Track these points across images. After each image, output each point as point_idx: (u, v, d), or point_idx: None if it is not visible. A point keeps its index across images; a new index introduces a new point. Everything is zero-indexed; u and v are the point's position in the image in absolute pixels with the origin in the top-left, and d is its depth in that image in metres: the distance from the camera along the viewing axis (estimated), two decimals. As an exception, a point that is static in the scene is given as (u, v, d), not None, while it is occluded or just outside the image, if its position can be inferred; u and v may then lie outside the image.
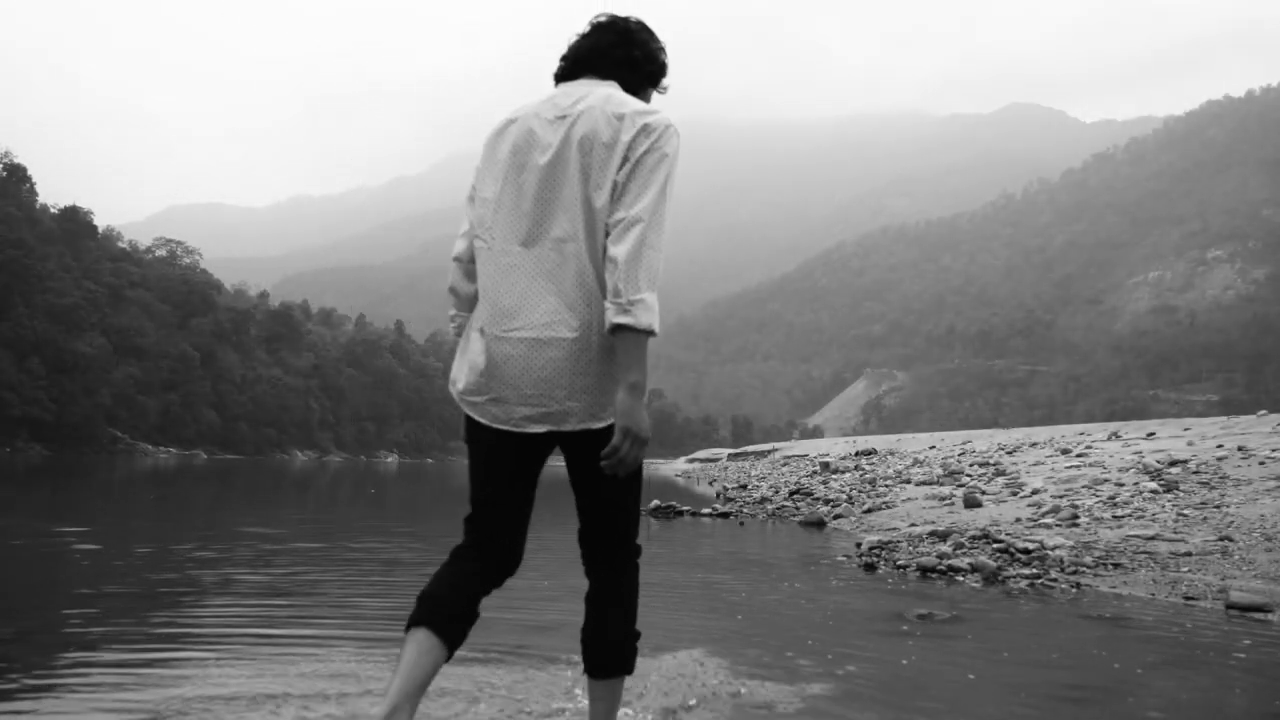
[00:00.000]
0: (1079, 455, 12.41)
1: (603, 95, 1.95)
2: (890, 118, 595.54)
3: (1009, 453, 15.43)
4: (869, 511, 9.54)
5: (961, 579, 5.11)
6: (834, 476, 15.60)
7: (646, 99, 2.09)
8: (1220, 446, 10.76)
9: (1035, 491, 8.92)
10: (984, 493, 9.28)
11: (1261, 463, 8.68)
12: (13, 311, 57.12)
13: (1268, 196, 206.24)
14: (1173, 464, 9.50)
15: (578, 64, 2.05)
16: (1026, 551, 5.56)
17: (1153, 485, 8.08)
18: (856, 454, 22.34)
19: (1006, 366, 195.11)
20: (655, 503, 11.15)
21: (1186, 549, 5.46)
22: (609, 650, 2.05)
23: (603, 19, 2.08)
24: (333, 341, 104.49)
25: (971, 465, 13.37)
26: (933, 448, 22.13)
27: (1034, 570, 5.14)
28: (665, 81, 2.14)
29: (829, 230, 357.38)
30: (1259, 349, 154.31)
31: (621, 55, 2.04)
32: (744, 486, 15.91)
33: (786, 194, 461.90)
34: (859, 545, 6.42)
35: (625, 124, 1.89)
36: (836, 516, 9.49)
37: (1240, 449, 10.04)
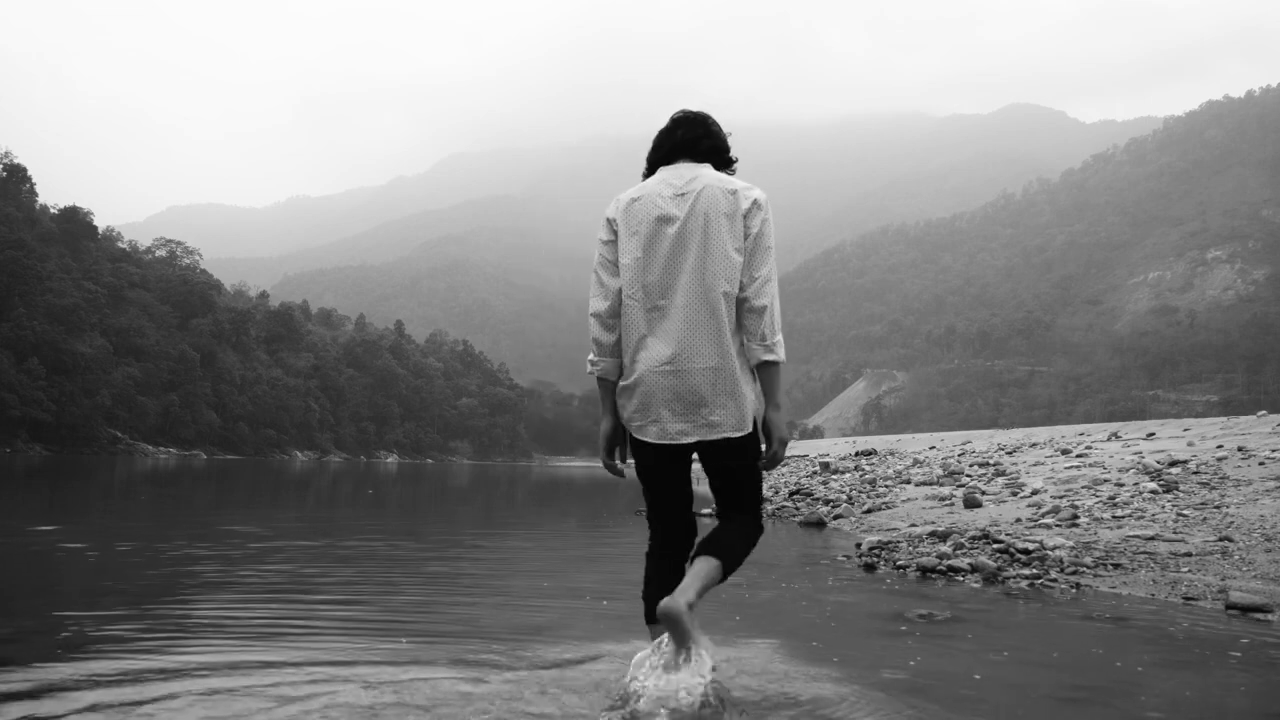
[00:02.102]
0: (1079, 455, 12.42)
1: (711, 175, 2.57)
2: (890, 118, 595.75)
3: (1009, 453, 15.43)
4: (869, 512, 9.54)
5: (961, 579, 5.10)
6: (834, 477, 15.59)
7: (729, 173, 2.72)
8: (1220, 447, 10.77)
9: (1035, 492, 8.91)
10: (984, 493, 9.27)
11: (1261, 463, 8.68)
12: (13, 312, 57.13)
13: (1268, 197, 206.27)
14: (1173, 464, 9.50)
15: (675, 151, 2.65)
16: (1026, 552, 5.55)
17: (1152, 486, 8.07)
18: (856, 454, 22.32)
19: (1006, 366, 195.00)
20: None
21: (1186, 549, 5.46)
22: (717, 545, 2.51)
23: (681, 115, 2.70)
24: (332, 342, 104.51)
25: (971, 465, 13.37)
26: (933, 448, 22.13)
27: (1034, 570, 5.13)
28: (736, 165, 2.75)
29: (829, 230, 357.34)
30: (1259, 349, 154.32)
31: (709, 145, 2.66)
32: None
33: (786, 194, 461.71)
34: (859, 545, 6.41)
35: (739, 198, 2.52)
36: (836, 517, 9.49)
37: (1240, 449, 10.05)
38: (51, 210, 74.01)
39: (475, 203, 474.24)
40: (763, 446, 2.58)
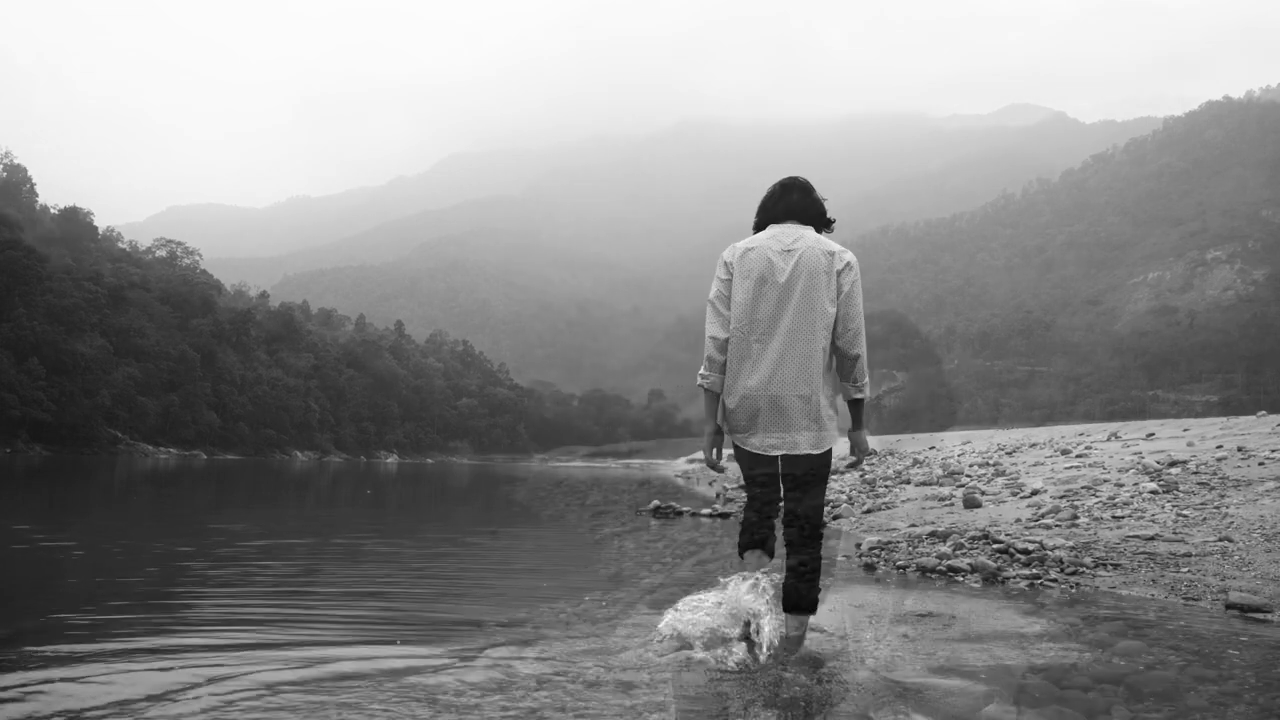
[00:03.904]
0: (1079, 456, 12.41)
1: (813, 238, 3.19)
2: (890, 118, 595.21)
3: (1009, 453, 15.43)
4: (868, 512, 9.54)
5: (961, 579, 5.11)
6: (833, 477, 15.59)
7: (826, 231, 3.34)
8: (1220, 447, 10.76)
9: (1035, 492, 8.91)
10: (983, 493, 9.27)
11: (1261, 463, 8.68)
12: (13, 312, 57.07)
13: (1268, 197, 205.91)
14: (1172, 464, 9.50)
15: (787, 212, 3.27)
16: (1026, 552, 5.55)
17: (1152, 486, 8.07)
18: (856, 454, 22.27)
19: (1006, 367, 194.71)
20: (655, 503, 11.16)
21: (1186, 549, 5.46)
22: (801, 597, 3.12)
23: (790, 183, 3.32)
24: (332, 342, 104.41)
25: (971, 465, 13.37)
26: (932, 448, 22.13)
27: (1034, 571, 5.13)
28: (835, 225, 3.37)
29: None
30: (1259, 349, 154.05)
31: (815, 212, 3.31)
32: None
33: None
34: (859, 546, 6.42)
35: (835, 260, 3.15)
36: (836, 517, 9.49)
37: (1240, 449, 10.04)
38: (51, 210, 74.06)
39: (475, 203, 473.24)
40: (832, 462, 3.24)
